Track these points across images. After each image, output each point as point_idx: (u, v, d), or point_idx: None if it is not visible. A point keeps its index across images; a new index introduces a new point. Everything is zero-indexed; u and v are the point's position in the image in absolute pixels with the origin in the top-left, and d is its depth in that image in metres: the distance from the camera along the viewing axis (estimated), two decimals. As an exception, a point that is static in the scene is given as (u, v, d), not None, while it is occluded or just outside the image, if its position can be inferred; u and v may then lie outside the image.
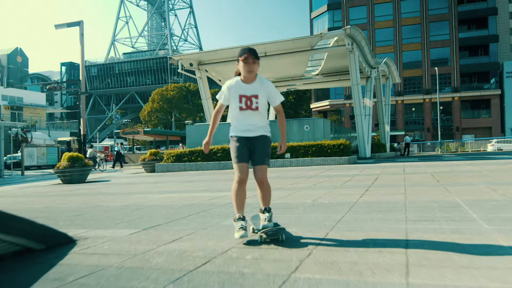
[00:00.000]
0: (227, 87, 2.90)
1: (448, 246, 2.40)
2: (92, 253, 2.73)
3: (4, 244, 2.66)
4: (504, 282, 1.72)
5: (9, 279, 2.25)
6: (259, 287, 1.85)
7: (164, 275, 2.11)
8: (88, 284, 2.03)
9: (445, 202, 4.25)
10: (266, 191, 2.86)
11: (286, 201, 5.09)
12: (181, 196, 6.45)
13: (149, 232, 3.42)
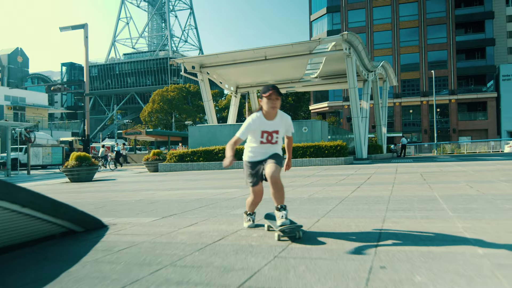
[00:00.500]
0: (249, 124, 2.99)
1: (413, 224, 3.01)
2: (125, 234, 3.32)
3: (55, 226, 3.26)
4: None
5: (68, 250, 2.84)
6: (264, 252, 2.44)
7: (189, 247, 2.70)
8: (130, 253, 2.63)
9: (425, 197, 4.85)
10: (279, 190, 2.90)
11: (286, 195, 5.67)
12: (189, 192, 7.03)
13: (168, 219, 4.01)
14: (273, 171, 2.86)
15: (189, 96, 73.74)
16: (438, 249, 2.33)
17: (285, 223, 2.77)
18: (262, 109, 3.03)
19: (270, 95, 2.92)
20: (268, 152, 3.05)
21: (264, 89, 2.98)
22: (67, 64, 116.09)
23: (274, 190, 2.88)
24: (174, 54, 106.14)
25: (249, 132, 3.00)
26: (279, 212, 2.85)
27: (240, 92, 26.55)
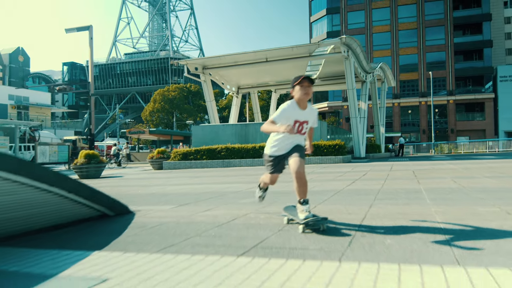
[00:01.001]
0: (284, 109, 3.01)
1: (394, 209, 3.61)
2: (152, 217, 3.92)
3: (92, 210, 3.85)
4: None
5: (109, 227, 3.44)
6: (271, 227, 3.04)
7: (208, 225, 3.30)
8: (161, 228, 3.22)
9: (411, 189, 5.45)
10: (303, 184, 2.92)
11: (285, 189, 6.27)
12: (197, 187, 7.63)
13: (184, 207, 4.61)
14: (298, 166, 2.90)
15: (190, 96, 74.34)
16: (409, 223, 2.93)
17: (309, 216, 2.83)
18: (294, 98, 3.05)
19: (302, 81, 2.97)
20: (293, 143, 3.08)
21: (295, 78, 3.02)
22: (68, 63, 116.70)
23: (298, 185, 2.91)
24: (174, 54, 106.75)
25: (283, 118, 2.98)
26: (302, 205, 2.90)
27: (242, 93, 27.13)
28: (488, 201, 4.00)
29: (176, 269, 2.01)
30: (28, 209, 3.25)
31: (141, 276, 1.92)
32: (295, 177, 2.90)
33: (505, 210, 3.38)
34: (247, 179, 8.98)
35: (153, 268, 2.06)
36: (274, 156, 3.12)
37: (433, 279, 1.72)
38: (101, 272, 2.02)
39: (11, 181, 2.90)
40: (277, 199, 4.89)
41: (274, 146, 3.12)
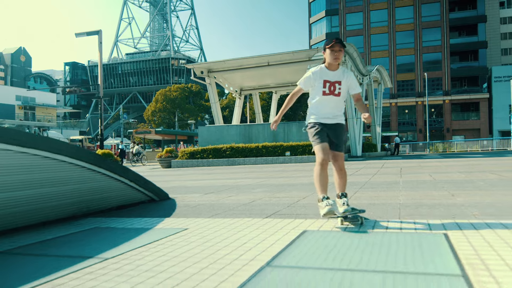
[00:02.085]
0: (311, 73, 3.05)
1: (372, 194, 4.85)
2: (189, 201, 5.15)
3: (144, 195, 5.08)
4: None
5: (161, 207, 4.68)
6: (281, 205, 4.28)
7: (235, 204, 4.53)
8: (201, 206, 4.45)
9: (392, 181, 6.68)
10: (343, 177, 3.01)
11: (289, 182, 7.51)
12: (211, 182, 8.86)
13: (210, 195, 5.84)
14: (339, 159, 3.01)
15: (191, 96, 75.48)
16: (379, 201, 4.17)
17: (348, 209, 2.86)
18: (325, 62, 3.07)
19: (333, 45, 2.93)
20: (331, 112, 3.07)
21: (327, 41, 2.99)
22: (69, 63, 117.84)
23: (339, 177, 3.01)
24: (175, 54, 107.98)
25: (309, 83, 3.06)
26: (340, 199, 2.95)
27: (244, 94, 28.36)
28: (445, 188, 5.24)
29: (227, 224, 3.25)
30: (106, 193, 4.49)
31: (207, 227, 3.15)
32: (335, 169, 3.02)
33: (452, 193, 4.62)
34: (254, 175, 10.21)
35: (212, 224, 3.29)
36: (317, 122, 3.09)
37: (382, 226, 2.94)
38: (180, 226, 3.25)
39: (95, 172, 4.14)
40: (283, 188, 6.13)
41: (313, 113, 3.15)
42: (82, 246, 2.68)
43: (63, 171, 3.82)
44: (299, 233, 2.74)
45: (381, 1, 55.43)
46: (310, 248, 2.30)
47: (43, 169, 3.60)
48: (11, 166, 3.26)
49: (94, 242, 2.77)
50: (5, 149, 3.16)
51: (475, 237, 2.37)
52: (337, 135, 3.07)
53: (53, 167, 3.70)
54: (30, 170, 3.44)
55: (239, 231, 2.94)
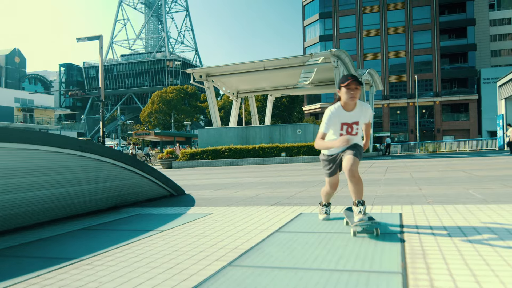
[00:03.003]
0: (329, 117, 2.92)
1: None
2: (203, 195, 6.12)
3: (165, 191, 6.05)
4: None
5: (182, 199, 5.65)
6: (282, 197, 5.27)
7: (243, 197, 5.51)
8: (216, 199, 5.43)
9: (375, 179, 7.70)
10: (357, 183, 2.81)
11: (287, 180, 8.51)
12: (216, 180, 9.83)
13: (219, 191, 6.82)
14: (351, 164, 2.79)
15: (186, 97, 76.30)
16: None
17: (363, 219, 2.68)
18: (341, 100, 2.94)
19: (349, 84, 2.82)
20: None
21: (342, 79, 2.88)
22: (64, 65, 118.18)
23: (352, 184, 2.81)
24: (171, 55, 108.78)
25: (331, 125, 2.94)
26: (357, 207, 2.75)
27: (240, 97, 29.35)
28: (417, 184, 6.26)
29: (241, 210, 4.23)
30: (137, 188, 5.46)
31: (226, 212, 4.13)
32: (348, 175, 2.81)
33: (420, 188, 5.65)
34: (253, 174, 11.20)
35: (230, 210, 4.27)
36: (330, 155, 3.09)
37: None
38: (205, 212, 4.23)
39: (130, 171, 5.12)
40: (282, 185, 7.14)
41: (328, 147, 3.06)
42: (140, 224, 3.65)
43: (107, 171, 4.80)
44: (297, 214, 3.74)
45: (373, 5, 56.69)
46: (304, 222, 3.30)
47: (94, 169, 4.57)
48: (74, 167, 4.24)
49: (145, 222, 3.75)
50: (69, 153, 4.14)
51: (419, 214, 3.39)
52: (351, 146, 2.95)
53: (101, 167, 4.68)
54: (86, 169, 4.42)
55: (252, 213, 3.94)
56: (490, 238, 2.44)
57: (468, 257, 2.05)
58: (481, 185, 5.61)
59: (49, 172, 3.94)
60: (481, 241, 2.38)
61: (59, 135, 4.36)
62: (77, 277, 2.06)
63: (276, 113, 58.74)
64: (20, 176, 3.61)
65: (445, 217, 3.21)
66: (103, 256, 2.51)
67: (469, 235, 2.56)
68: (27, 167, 3.68)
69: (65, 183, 4.14)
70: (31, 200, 3.74)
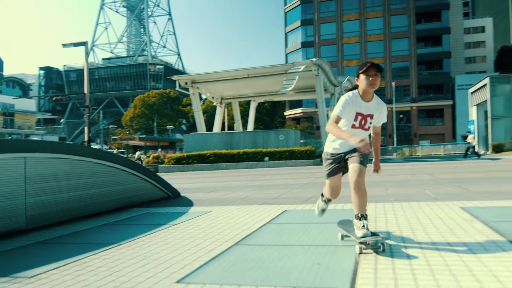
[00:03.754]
0: (345, 102, 2.70)
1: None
2: (197, 197, 6.87)
3: (164, 193, 6.78)
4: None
5: (180, 200, 6.39)
6: (269, 198, 6.08)
7: (235, 198, 6.29)
8: (211, 200, 6.19)
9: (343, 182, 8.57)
10: (363, 196, 2.65)
11: (271, 183, 9.32)
12: (204, 184, 10.57)
13: (211, 193, 7.57)
14: (358, 175, 2.66)
15: (169, 101, 76.44)
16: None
17: (367, 234, 2.52)
18: (358, 88, 2.75)
19: (368, 69, 2.62)
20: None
21: (361, 65, 2.69)
22: (44, 68, 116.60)
23: (357, 196, 2.65)
24: (153, 59, 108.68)
25: (346, 112, 2.71)
26: (359, 221, 2.59)
27: (224, 103, 30.10)
28: (384, 186, 7.16)
29: (235, 209, 5.01)
30: (141, 191, 6.18)
31: (224, 210, 4.89)
32: (353, 187, 2.68)
33: (388, 189, 6.54)
34: (239, 178, 11.98)
35: (226, 209, 5.04)
36: (335, 154, 2.86)
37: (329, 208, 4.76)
38: (205, 210, 4.99)
39: (135, 176, 5.84)
40: (267, 188, 7.95)
41: (334, 141, 2.86)
42: (153, 220, 4.39)
43: (117, 176, 5.52)
44: (283, 211, 4.56)
45: (353, 12, 58.33)
46: (289, 217, 4.11)
47: (107, 174, 5.29)
48: (92, 172, 4.96)
49: (157, 219, 4.50)
50: (88, 161, 4.86)
51: (380, 209, 4.25)
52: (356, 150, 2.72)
53: (112, 172, 5.40)
54: (101, 175, 5.14)
55: (246, 211, 4.73)
56: (422, 221, 3.30)
57: (404, 231, 2.90)
58: (439, 187, 6.54)
59: (73, 177, 4.65)
60: (416, 222, 3.23)
61: (80, 145, 5.08)
62: (126, 254, 2.80)
63: (258, 117, 59.57)
64: (52, 180, 4.31)
65: (398, 211, 4.08)
66: (137, 241, 3.26)
67: (410, 220, 3.42)
68: (56, 173, 4.39)
69: (86, 187, 4.86)
70: (61, 200, 4.45)
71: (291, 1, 62.24)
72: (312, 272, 2.14)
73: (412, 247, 2.61)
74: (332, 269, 2.18)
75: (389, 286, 1.86)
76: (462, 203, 4.45)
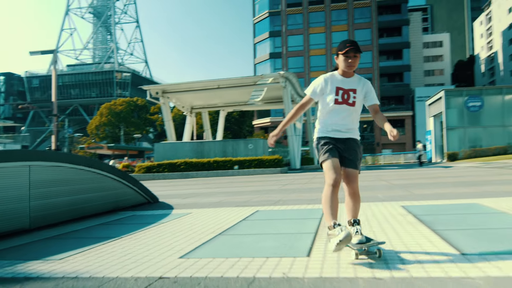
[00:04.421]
0: (323, 79, 2.72)
1: (292, 195, 7.52)
2: (176, 202, 7.49)
3: (144, 198, 7.36)
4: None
5: (160, 205, 7.00)
6: (243, 201, 6.79)
7: (209, 203, 6.97)
8: (189, 205, 6.84)
9: (315, 187, 9.42)
10: (357, 201, 2.68)
11: (241, 190, 10.04)
12: (178, 191, 11.15)
13: (187, 199, 8.19)
14: (354, 181, 2.69)
15: (136, 110, 75.79)
16: (300, 198, 6.82)
17: (362, 240, 2.49)
18: (338, 69, 2.76)
19: (347, 51, 2.61)
20: (342, 124, 2.73)
21: (341, 46, 2.66)
22: (4, 74, 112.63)
23: (351, 201, 2.68)
24: (119, 66, 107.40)
25: (319, 90, 2.75)
26: (353, 226, 2.58)
27: (194, 112, 30.66)
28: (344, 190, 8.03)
29: (212, 211, 5.69)
30: (126, 196, 6.75)
31: (202, 212, 5.56)
32: (348, 193, 2.69)
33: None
34: (210, 185, 12.63)
35: (204, 211, 5.71)
36: (325, 136, 2.76)
37: (293, 207, 5.54)
38: (186, 212, 5.65)
39: (121, 183, 6.43)
40: (238, 194, 8.67)
41: (322, 125, 2.83)
42: (142, 220, 5.01)
43: (104, 182, 6.09)
44: (255, 211, 5.29)
45: (319, 26, 60.43)
46: (260, 215, 4.85)
47: (96, 180, 5.86)
48: (84, 179, 5.53)
49: (145, 219, 5.11)
50: (80, 168, 5.43)
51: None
52: (350, 150, 2.72)
53: (100, 179, 5.97)
54: (91, 181, 5.71)
55: (222, 212, 5.43)
56: (372, 214, 4.13)
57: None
58: (390, 191, 7.49)
59: (69, 183, 5.21)
60: (362, 215, 4.06)
61: (75, 154, 5.64)
62: (130, 243, 3.43)
63: (227, 126, 60.21)
64: (51, 186, 4.87)
65: (351, 210, 4.91)
66: (135, 235, 3.89)
67: (358, 216, 4.24)
68: (55, 179, 4.95)
69: (79, 191, 5.42)
70: (59, 204, 5.00)
71: (260, 13, 63.69)
72: (280, 249, 2.89)
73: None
74: (294, 247, 2.94)
75: (332, 254, 2.63)
76: (404, 202, 5.36)
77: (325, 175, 2.65)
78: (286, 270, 2.33)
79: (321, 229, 3.62)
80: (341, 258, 2.56)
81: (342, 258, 2.57)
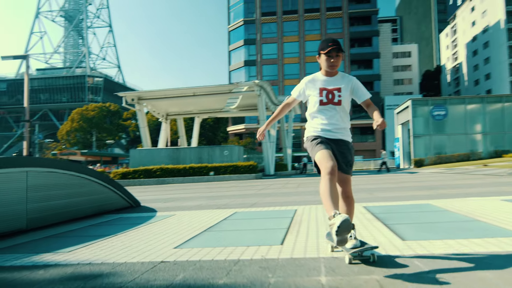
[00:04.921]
0: (305, 82, 2.78)
1: (269, 198, 8.11)
2: (158, 206, 7.92)
3: (127, 202, 7.77)
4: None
5: (143, 208, 7.43)
6: (220, 204, 7.32)
7: (190, 206, 7.46)
8: (170, 207, 7.30)
9: (287, 192, 10.05)
10: (351, 204, 2.71)
11: (219, 194, 10.54)
12: (157, 197, 11.54)
13: (168, 203, 8.64)
14: (347, 184, 2.73)
15: (109, 115, 74.85)
16: (273, 201, 7.41)
17: (356, 244, 2.47)
18: (321, 70, 2.80)
19: (329, 51, 2.63)
20: (334, 125, 2.73)
21: (323, 45, 2.68)
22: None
23: (346, 205, 2.70)
24: (92, 71, 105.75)
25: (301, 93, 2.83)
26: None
27: (169, 119, 30.90)
28: (315, 195, 8.69)
29: (194, 213, 6.19)
30: (111, 200, 7.15)
31: (185, 214, 6.05)
32: (343, 196, 2.71)
33: (316, 196, 8.05)
34: (188, 191, 13.07)
35: (187, 213, 6.19)
36: (317, 135, 2.76)
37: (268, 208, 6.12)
38: (170, 214, 6.12)
39: (106, 187, 6.85)
40: (216, 198, 9.19)
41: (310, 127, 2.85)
42: (129, 221, 5.45)
43: (92, 187, 6.50)
44: (233, 212, 5.83)
45: (293, 35, 61.77)
46: (239, 215, 5.41)
47: (84, 185, 6.27)
48: (73, 184, 5.93)
49: (132, 221, 5.56)
50: (70, 174, 5.84)
51: (305, 209, 5.68)
52: (342, 153, 2.72)
53: (88, 184, 6.38)
54: (79, 186, 6.12)
55: (204, 213, 5.94)
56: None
57: (320, 223, 4.31)
58: (356, 194, 8.12)
59: (60, 188, 5.61)
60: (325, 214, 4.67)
61: (65, 161, 6.04)
62: (126, 239, 3.90)
63: (202, 133, 60.47)
64: (46, 190, 5.27)
65: (318, 211, 5.54)
66: (128, 233, 4.36)
67: (325, 215, 4.86)
68: (49, 184, 5.35)
69: (70, 195, 5.82)
70: (53, 206, 5.40)
71: (235, 21, 64.49)
72: (257, 240, 3.46)
73: (323, 232, 4.02)
74: (270, 239, 3.51)
75: (301, 243, 3.22)
76: (366, 204, 6.03)
77: (320, 165, 2.57)
78: (264, 254, 2.90)
79: (293, 226, 4.21)
80: (308, 246, 3.14)
81: (309, 245, 3.15)
